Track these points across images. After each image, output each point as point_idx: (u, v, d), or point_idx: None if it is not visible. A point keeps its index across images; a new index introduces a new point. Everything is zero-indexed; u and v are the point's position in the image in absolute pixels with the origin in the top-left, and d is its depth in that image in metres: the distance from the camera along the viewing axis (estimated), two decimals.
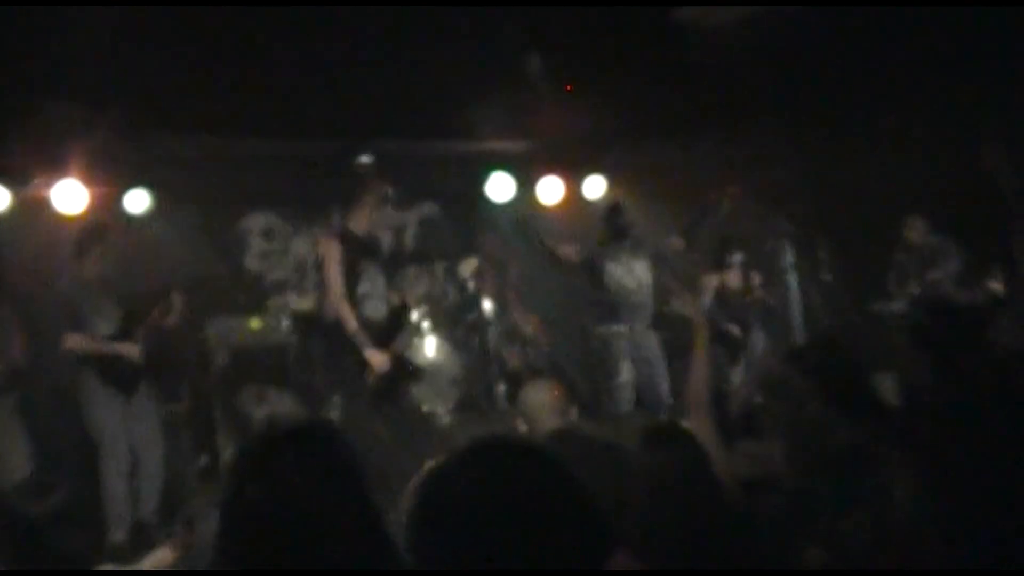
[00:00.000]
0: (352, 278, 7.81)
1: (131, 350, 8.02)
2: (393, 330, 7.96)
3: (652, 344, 9.42)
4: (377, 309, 7.93)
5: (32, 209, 9.11)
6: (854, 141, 10.37)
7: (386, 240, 11.75)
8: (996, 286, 9.05)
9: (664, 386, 9.28)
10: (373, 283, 7.92)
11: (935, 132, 9.79)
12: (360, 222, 7.99)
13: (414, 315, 9.71)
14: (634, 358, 9.35)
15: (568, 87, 8.52)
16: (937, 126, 9.71)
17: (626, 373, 9.34)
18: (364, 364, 7.67)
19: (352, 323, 7.66)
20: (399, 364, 7.98)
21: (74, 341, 7.94)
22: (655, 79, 8.70)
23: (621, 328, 9.37)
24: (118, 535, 7.67)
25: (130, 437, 8.00)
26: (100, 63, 7.12)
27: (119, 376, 7.97)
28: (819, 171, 11.34)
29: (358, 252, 7.88)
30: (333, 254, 7.83)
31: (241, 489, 2.46)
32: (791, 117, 9.87)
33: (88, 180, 9.07)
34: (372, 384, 7.69)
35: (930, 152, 9.69)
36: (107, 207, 9.34)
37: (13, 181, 8.85)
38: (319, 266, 10.93)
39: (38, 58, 6.83)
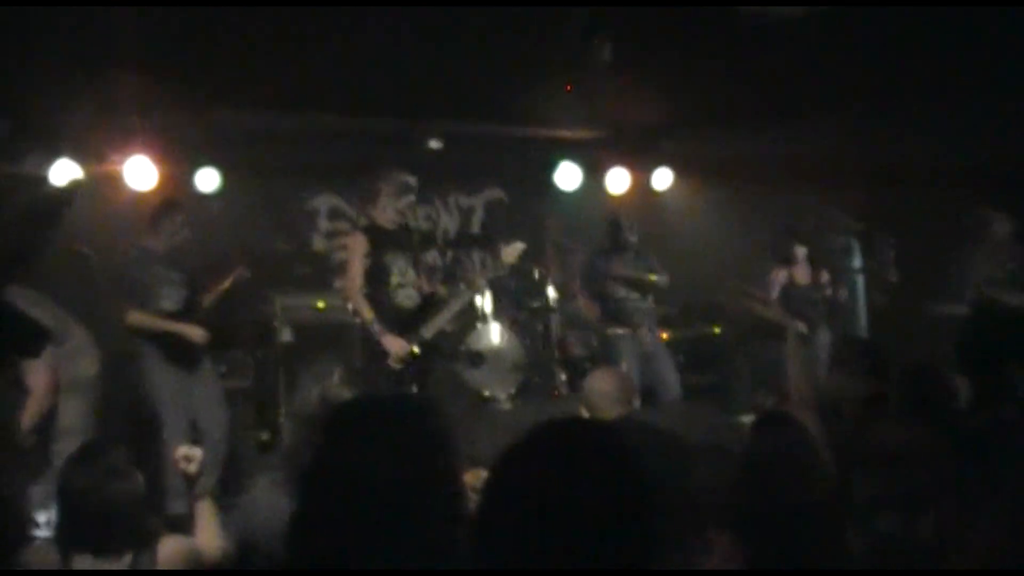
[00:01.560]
0: (381, 269, 7.87)
1: (194, 332, 8.10)
2: (425, 317, 7.94)
3: (654, 341, 9.89)
4: (410, 297, 7.96)
5: (104, 185, 9.26)
6: (925, 139, 10.25)
7: (452, 224, 11.82)
8: None
9: (672, 379, 9.73)
10: (403, 273, 7.94)
11: (1007, 130, 9.66)
12: (384, 214, 8.00)
13: (478, 300, 9.75)
14: (637, 356, 9.68)
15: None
16: (1010, 125, 9.57)
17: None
18: (384, 353, 7.71)
19: (367, 314, 7.74)
20: (429, 349, 7.96)
21: (136, 318, 8.01)
22: (725, 71, 8.63)
23: (625, 331, 9.79)
24: (177, 505, 7.75)
25: (191, 409, 8.09)
26: (169, 38, 7.19)
27: (180, 352, 8.07)
28: (889, 168, 11.22)
29: (385, 244, 7.92)
30: (356, 248, 7.93)
31: (327, 456, 2.45)
32: (862, 112, 9.75)
33: (158, 157, 9.21)
34: (397, 368, 7.71)
35: (1002, 152, 9.56)
36: (178, 184, 9.48)
37: (85, 157, 8.98)
38: None
39: (108, 33, 6.90)
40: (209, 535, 4.33)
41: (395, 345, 7.71)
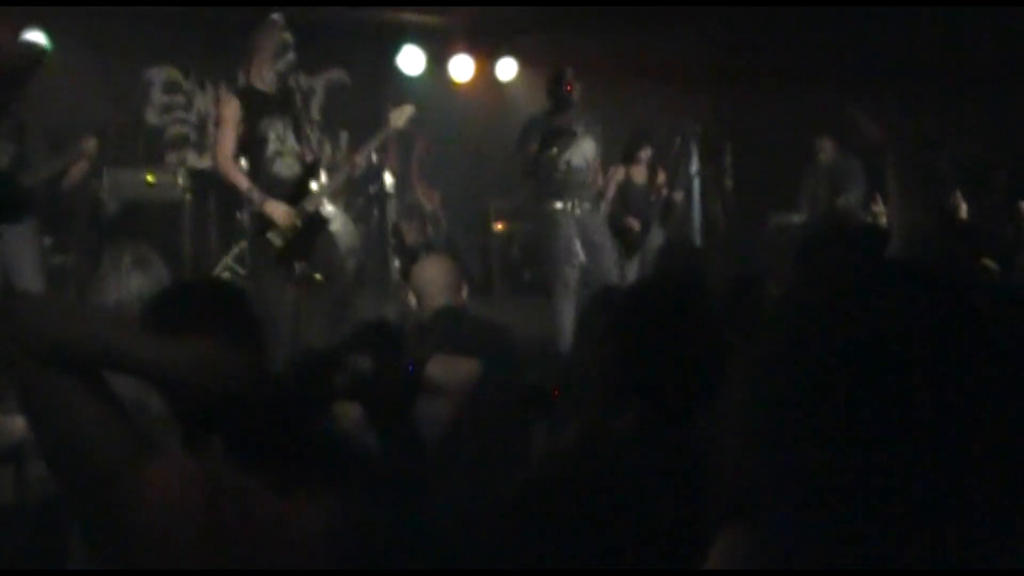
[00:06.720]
0: (257, 136, 7.23)
1: None
2: (305, 188, 7.37)
3: (599, 226, 8.82)
4: (289, 167, 7.31)
5: None
6: (771, 52, 10.39)
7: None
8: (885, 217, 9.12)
9: (612, 272, 8.56)
10: (282, 140, 7.31)
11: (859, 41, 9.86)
12: (262, 76, 7.38)
13: (313, 185, 9.55)
14: (582, 240, 8.57)
15: None
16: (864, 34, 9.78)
17: (578, 255, 8.56)
18: (264, 221, 7.11)
19: (242, 181, 7.13)
20: (312, 222, 7.37)
21: None
22: None
23: (566, 206, 8.60)
24: None
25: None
26: None
27: None
28: (733, 75, 11.33)
29: (262, 108, 7.29)
30: (228, 113, 7.30)
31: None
32: (711, 18, 9.81)
33: None
34: (278, 243, 7.14)
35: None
36: (2, 46, 9.10)
37: None
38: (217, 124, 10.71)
39: None
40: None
41: (278, 212, 7.07)
